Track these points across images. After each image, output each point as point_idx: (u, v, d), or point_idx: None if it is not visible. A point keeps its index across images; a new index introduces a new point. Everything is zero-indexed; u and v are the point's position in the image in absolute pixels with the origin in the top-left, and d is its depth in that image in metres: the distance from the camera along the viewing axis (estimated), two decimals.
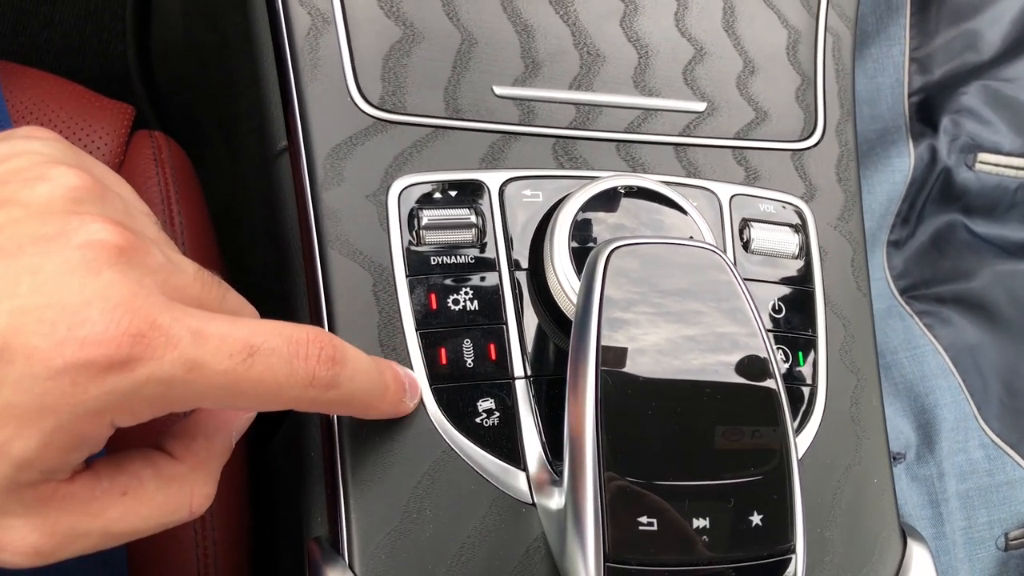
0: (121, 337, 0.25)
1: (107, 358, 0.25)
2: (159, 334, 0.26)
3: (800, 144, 0.46)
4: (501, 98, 0.41)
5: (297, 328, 0.29)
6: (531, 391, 0.37)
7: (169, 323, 0.26)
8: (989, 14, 0.71)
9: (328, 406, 0.31)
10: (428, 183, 0.39)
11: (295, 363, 0.28)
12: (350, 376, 0.30)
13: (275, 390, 0.28)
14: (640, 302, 0.34)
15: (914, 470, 0.65)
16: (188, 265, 0.30)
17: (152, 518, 0.29)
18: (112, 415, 0.26)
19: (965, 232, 0.72)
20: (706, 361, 0.34)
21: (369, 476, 0.35)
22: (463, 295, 0.38)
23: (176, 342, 0.26)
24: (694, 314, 0.34)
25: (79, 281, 0.25)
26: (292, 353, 0.28)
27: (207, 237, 0.50)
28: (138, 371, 0.25)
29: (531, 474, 0.36)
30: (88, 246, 0.26)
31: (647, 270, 0.35)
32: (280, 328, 0.29)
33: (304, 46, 0.40)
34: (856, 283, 0.45)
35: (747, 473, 0.33)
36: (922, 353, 0.68)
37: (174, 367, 0.26)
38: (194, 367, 0.26)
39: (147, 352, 0.25)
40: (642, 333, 0.34)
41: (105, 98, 0.51)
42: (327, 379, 0.29)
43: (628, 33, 0.44)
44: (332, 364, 0.29)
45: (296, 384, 0.29)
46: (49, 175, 0.28)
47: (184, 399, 0.27)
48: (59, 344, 0.24)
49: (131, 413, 0.26)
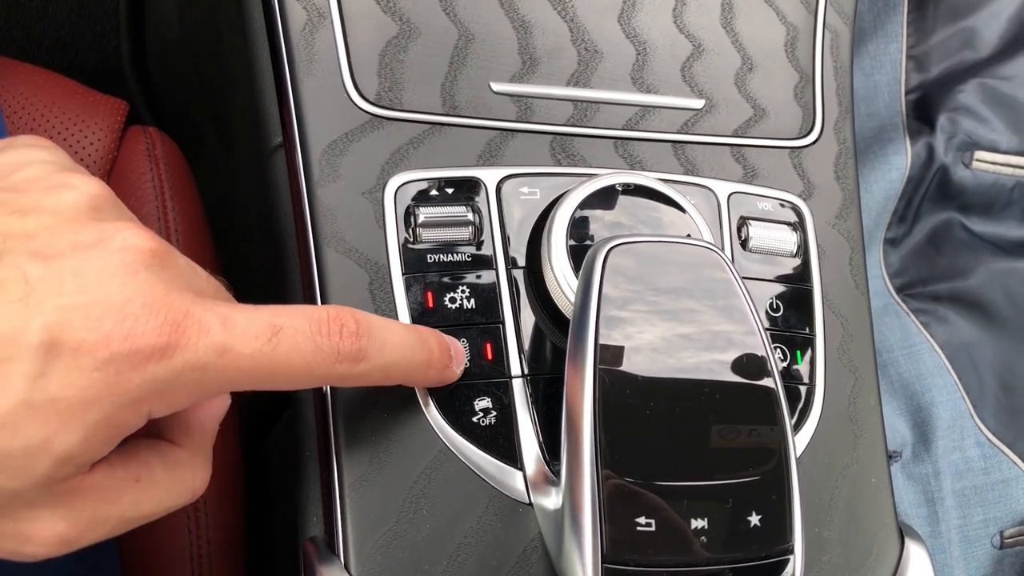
0: (161, 327, 0.27)
1: (150, 347, 0.26)
2: (193, 322, 0.27)
3: (798, 142, 0.46)
4: (498, 95, 0.41)
5: (318, 308, 0.31)
6: (528, 390, 0.37)
7: (200, 312, 0.28)
8: (986, 12, 0.71)
9: (364, 379, 0.32)
10: (425, 180, 0.39)
11: (318, 340, 0.30)
12: (379, 348, 0.31)
13: (304, 368, 0.29)
14: (638, 300, 0.34)
15: (910, 468, 0.65)
16: (200, 270, 0.32)
17: (162, 501, 0.31)
18: (151, 404, 0.28)
19: (962, 230, 0.72)
20: (704, 360, 0.34)
21: (365, 475, 0.35)
22: (460, 293, 0.38)
23: (207, 329, 0.28)
24: (692, 312, 0.34)
25: (120, 281, 0.27)
26: (315, 331, 0.30)
27: (202, 234, 0.50)
28: (176, 358, 0.27)
29: (528, 474, 0.36)
30: (125, 250, 0.28)
31: (645, 268, 0.34)
32: (301, 309, 0.30)
33: (300, 41, 0.40)
34: (854, 281, 0.45)
35: (745, 473, 0.33)
36: (918, 351, 0.68)
37: (207, 353, 0.27)
38: (224, 351, 0.28)
39: (183, 339, 0.27)
40: (640, 332, 0.33)
41: (98, 93, 0.50)
42: (353, 352, 0.30)
43: (626, 29, 0.44)
44: (356, 338, 0.30)
45: (323, 360, 0.30)
46: (71, 183, 0.30)
47: (218, 384, 0.28)
48: (106, 336, 0.26)
49: (168, 401, 0.28)
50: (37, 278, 0.26)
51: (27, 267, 0.26)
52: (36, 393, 0.26)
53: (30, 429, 0.26)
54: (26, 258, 0.27)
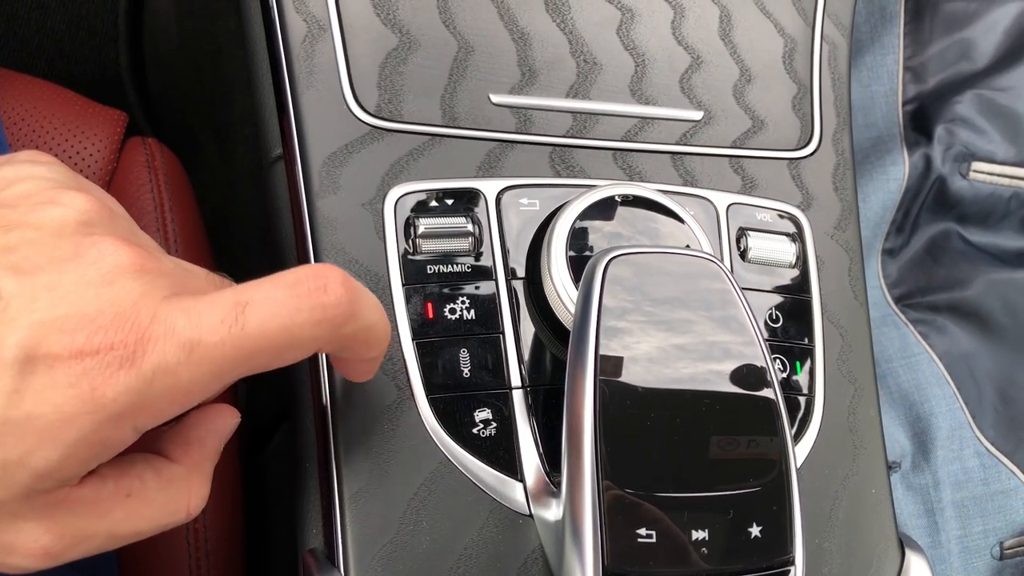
0: (127, 334, 0.26)
1: (118, 357, 0.26)
2: (159, 324, 0.26)
3: (797, 153, 0.46)
4: (498, 106, 0.41)
5: (291, 270, 0.28)
6: (528, 401, 0.37)
7: (166, 312, 0.27)
8: (982, 23, 0.71)
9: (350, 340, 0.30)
10: (424, 191, 0.39)
11: (296, 301, 0.27)
12: (367, 306, 0.29)
13: (285, 336, 0.27)
14: (638, 311, 0.34)
15: (909, 479, 0.65)
16: (198, 269, 0.31)
17: (154, 519, 0.30)
18: (133, 418, 0.27)
19: (959, 241, 0.72)
20: (704, 370, 0.34)
21: (365, 486, 0.35)
22: (459, 304, 0.38)
23: (172, 328, 0.26)
24: (692, 323, 0.34)
25: (94, 292, 0.27)
26: (291, 294, 0.27)
27: (200, 244, 0.50)
28: (144, 365, 0.26)
29: (528, 485, 0.36)
30: (101, 262, 0.27)
31: (645, 279, 0.34)
32: (273, 277, 0.28)
33: (300, 53, 0.40)
34: (853, 292, 0.45)
35: (746, 484, 0.33)
36: (917, 362, 0.68)
37: (177, 353, 0.26)
38: (193, 347, 0.26)
39: (148, 344, 0.26)
40: (640, 342, 0.33)
41: (98, 104, 0.51)
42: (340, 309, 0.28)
43: (625, 41, 0.44)
44: (344, 292, 0.28)
45: (305, 322, 0.28)
46: (60, 199, 0.29)
47: (198, 384, 0.27)
48: (78, 350, 0.26)
49: (151, 411, 0.27)
50: (12, 293, 0.26)
51: (3, 282, 0.26)
52: (12, 409, 0.25)
53: (7, 444, 0.25)
54: (3, 273, 0.26)
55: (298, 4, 0.40)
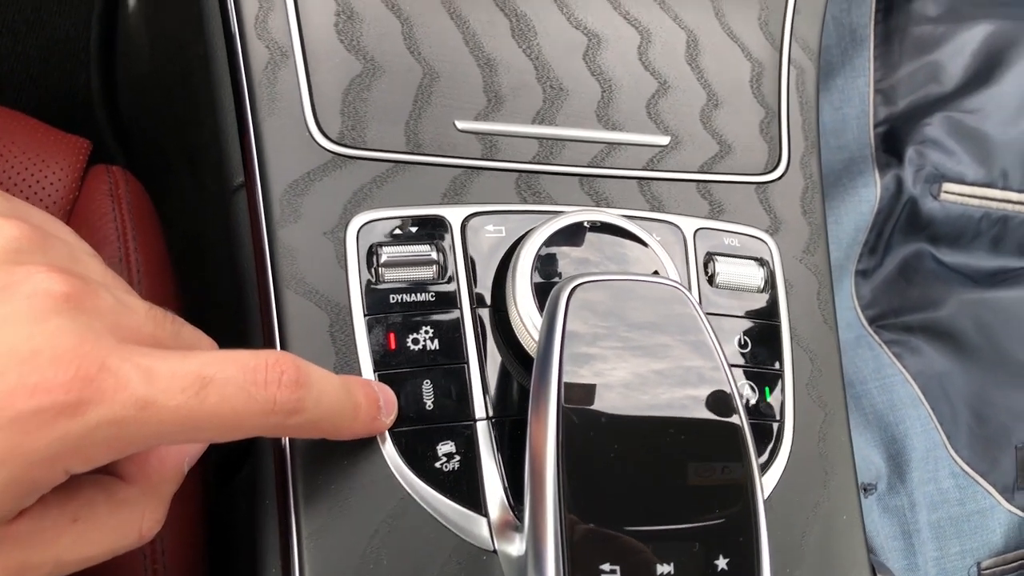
0: (70, 382, 0.25)
1: (57, 404, 0.25)
2: (108, 376, 0.26)
3: (765, 177, 0.46)
4: (463, 132, 0.41)
5: (255, 354, 0.29)
6: (493, 433, 0.37)
7: (118, 364, 0.26)
8: (950, 47, 0.72)
9: (295, 431, 0.31)
10: (388, 219, 0.39)
11: (253, 390, 0.28)
12: (316, 399, 0.30)
13: (234, 420, 0.28)
14: (604, 338, 0.33)
15: (885, 501, 0.65)
16: (139, 304, 0.30)
17: (103, 543, 0.29)
18: (65, 462, 0.26)
19: (932, 261, 0.72)
20: (670, 397, 0.33)
21: (324, 524, 0.34)
22: (423, 334, 0.37)
23: (126, 382, 0.26)
24: (659, 350, 0.34)
25: (27, 330, 0.25)
26: (249, 380, 0.28)
27: (165, 275, 0.49)
28: (89, 415, 0.25)
29: (492, 520, 0.36)
30: (34, 296, 0.26)
31: (609, 306, 0.34)
32: (235, 356, 0.28)
33: (262, 80, 0.39)
34: (822, 316, 0.45)
35: (712, 515, 0.32)
36: (891, 383, 0.68)
37: (125, 408, 0.26)
38: (146, 405, 0.26)
39: (97, 395, 0.25)
40: (605, 370, 0.33)
41: (61, 132, 0.50)
42: (290, 405, 0.29)
43: (591, 67, 0.44)
44: (295, 388, 0.29)
45: (256, 412, 0.28)
46: None
47: (140, 439, 0.27)
48: (10, 393, 0.25)
49: (85, 458, 0.26)
50: None
51: None
52: None
53: None
54: None
55: (260, 30, 0.40)
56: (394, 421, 0.35)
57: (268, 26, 0.40)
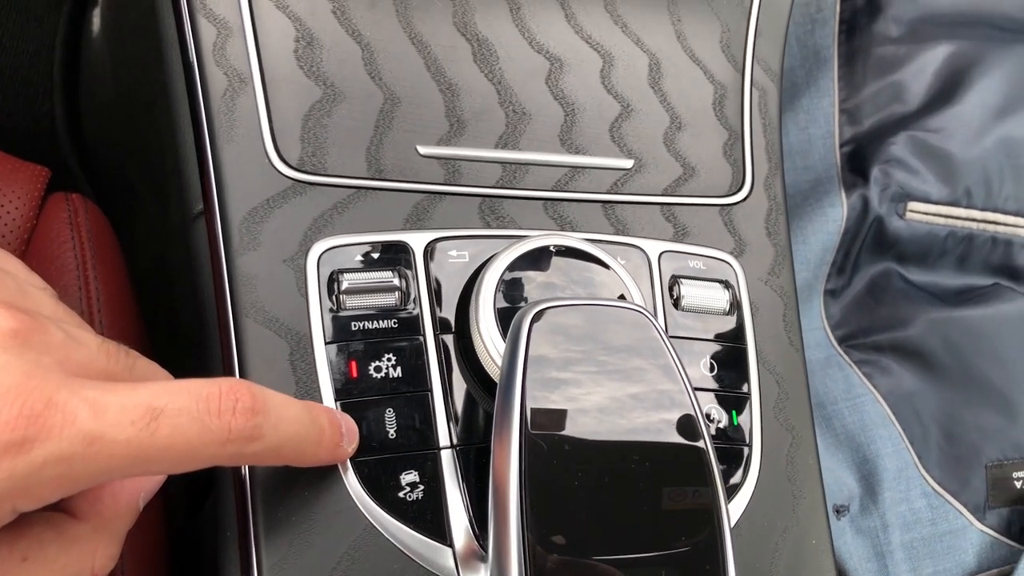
0: (16, 420, 0.25)
1: (2, 442, 0.24)
2: (55, 412, 0.25)
3: (729, 199, 0.46)
4: (425, 157, 0.41)
5: (208, 383, 0.28)
6: (458, 461, 0.36)
7: (66, 399, 0.26)
8: (913, 66, 0.73)
9: (255, 459, 0.30)
10: (349, 245, 0.38)
11: (206, 419, 0.28)
12: (274, 426, 0.29)
13: (188, 451, 0.27)
14: (567, 363, 0.33)
15: (858, 522, 0.65)
16: (90, 339, 0.29)
17: None
18: (12, 501, 0.25)
19: (900, 280, 0.73)
20: (635, 422, 0.33)
21: (285, 557, 0.34)
22: (386, 362, 0.37)
23: (73, 418, 0.25)
24: (621, 375, 0.34)
25: None
26: (203, 409, 0.28)
27: (126, 304, 0.48)
28: (34, 452, 0.25)
29: (457, 549, 0.35)
30: None
31: (572, 331, 0.34)
32: (187, 386, 0.28)
33: (220, 107, 0.39)
34: (788, 338, 0.44)
35: (678, 543, 0.32)
36: (862, 403, 0.68)
37: (72, 444, 0.25)
38: (94, 440, 0.25)
39: (43, 432, 0.25)
40: (571, 395, 0.33)
41: (17, 160, 0.49)
42: (246, 432, 0.28)
43: (554, 91, 0.44)
44: (251, 415, 0.28)
45: (211, 442, 0.28)
46: None
47: (89, 475, 0.26)
48: None
49: (32, 497, 0.26)
50: None
51: None
52: None
53: None
54: None
55: (219, 57, 0.39)
56: (356, 450, 0.35)
57: (226, 52, 0.39)
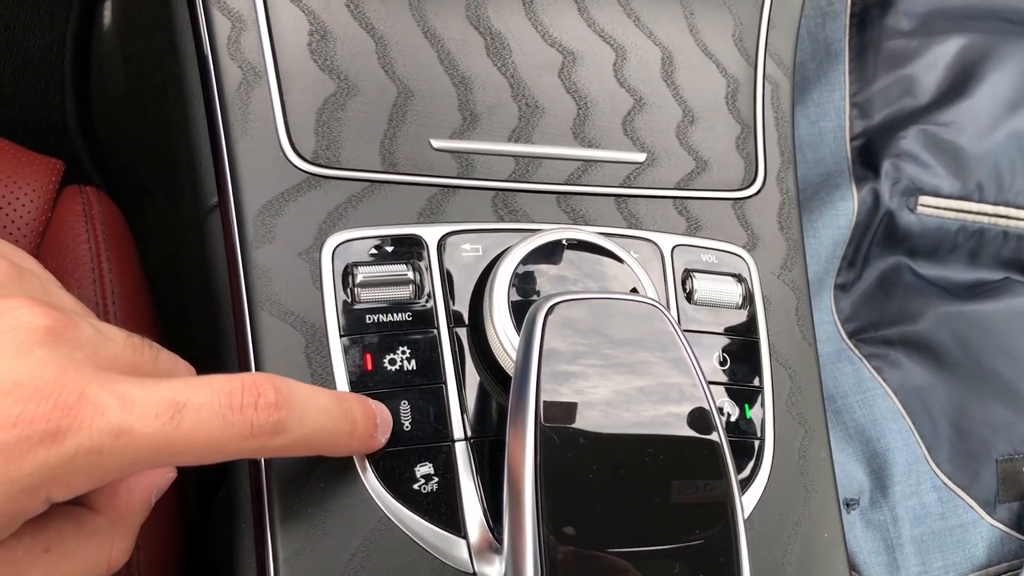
0: (51, 412, 0.26)
1: (38, 433, 0.25)
2: (86, 404, 0.26)
3: (741, 193, 0.46)
4: (439, 151, 0.41)
5: (231, 378, 0.29)
6: (472, 454, 0.36)
7: (96, 392, 0.26)
8: (923, 60, 0.72)
9: (283, 451, 0.30)
10: (364, 238, 0.38)
11: (227, 414, 0.28)
12: (300, 419, 0.30)
13: (211, 444, 0.28)
14: (582, 356, 0.33)
15: (868, 516, 0.65)
16: (116, 333, 0.30)
17: (73, 573, 0.29)
18: (47, 490, 0.26)
19: (910, 274, 0.73)
20: (650, 414, 0.33)
21: (301, 549, 0.34)
22: (400, 354, 0.37)
23: (103, 410, 0.26)
24: (635, 368, 0.34)
25: (9, 363, 0.26)
26: (224, 404, 0.28)
27: (139, 296, 0.48)
28: (67, 443, 0.26)
29: (472, 542, 0.35)
30: (16, 329, 0.27)
31: (587, 324, 0.34)
32: (211, 381, 0.29)
33: (235, 100, 0.39)
34: (801, 332, 0.44)
35: (692, 536, 0.32)
36: (872, 396, 0.68)
37: (102, 436, 0.26)
38: (121, 433, 0.26)
39: (75, 424, 0.26)
40: (584, 388, 0.33)
41: (32, 153, 0.49)
42: (269, 427, 0.29)
43: (567, 84, 0.44)
44: (274, 410, 0.29)
45: (234, 436, 0.28)
46: None
47: (118, 466, 0.27)
48: None
49: (66, 486, 0.27)
50: None
51: None
52: None
53: None
54: None
55: (233, 51, 0.39)
56: (386, 440, 0.35)
57: (241, 46, 0.39)
